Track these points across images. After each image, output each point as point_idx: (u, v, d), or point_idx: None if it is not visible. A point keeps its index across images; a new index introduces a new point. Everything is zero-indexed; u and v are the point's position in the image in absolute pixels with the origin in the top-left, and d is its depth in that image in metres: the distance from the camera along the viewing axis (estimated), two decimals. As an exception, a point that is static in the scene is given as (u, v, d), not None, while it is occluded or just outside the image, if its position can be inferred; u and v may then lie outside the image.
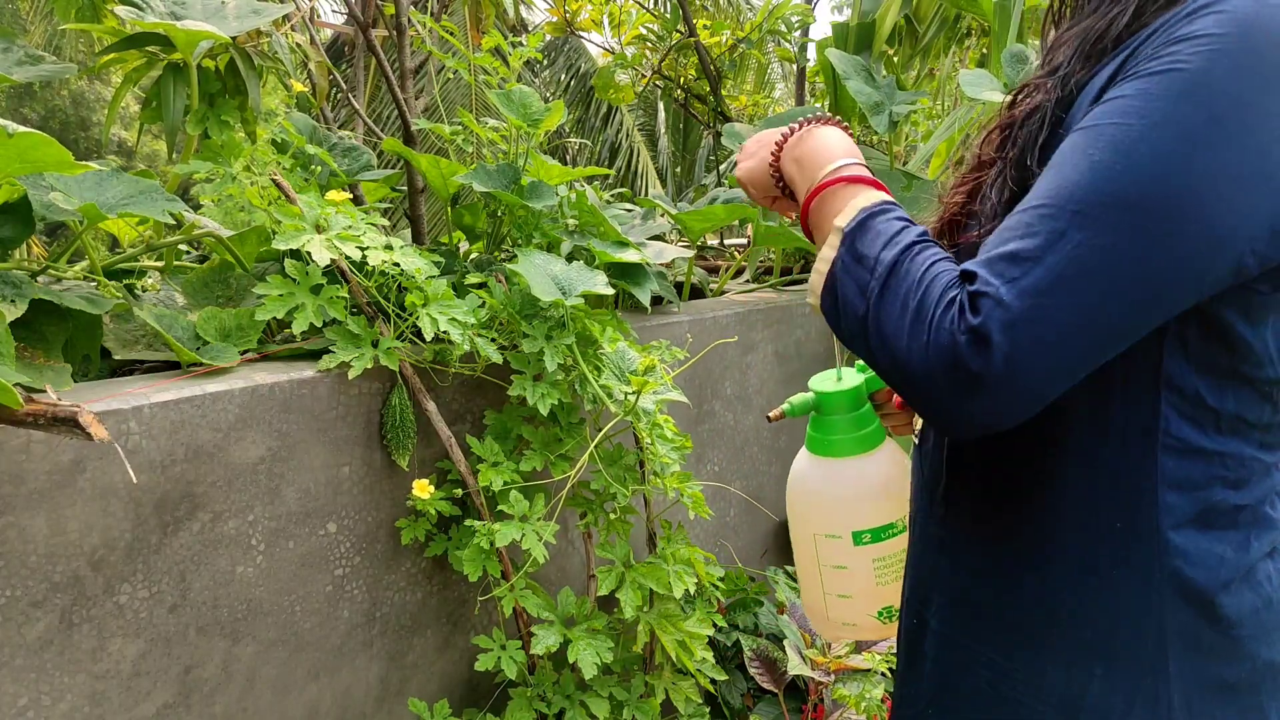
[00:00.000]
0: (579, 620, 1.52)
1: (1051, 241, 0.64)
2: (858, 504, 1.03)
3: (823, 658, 1.78)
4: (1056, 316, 0.63)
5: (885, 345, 0.70)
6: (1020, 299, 0.63)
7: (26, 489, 1.07)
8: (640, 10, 3.54)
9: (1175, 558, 0.73)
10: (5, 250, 1.23)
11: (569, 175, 1.76)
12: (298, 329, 1.33)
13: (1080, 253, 0.63)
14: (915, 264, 0.70)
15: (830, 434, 1.04)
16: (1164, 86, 0.65)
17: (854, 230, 0.75)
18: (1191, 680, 0.74)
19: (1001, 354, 0.63)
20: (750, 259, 2.73)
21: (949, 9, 2.67)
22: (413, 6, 2.03)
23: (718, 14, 7.00)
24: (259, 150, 1.54)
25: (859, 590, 1.04)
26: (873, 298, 0.71)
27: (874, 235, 0.74)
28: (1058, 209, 0.65)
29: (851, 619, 1.06)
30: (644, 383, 1.44)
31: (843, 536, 1.03)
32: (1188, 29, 0.66)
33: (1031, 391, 0.65)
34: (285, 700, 1.36)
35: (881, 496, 1.03)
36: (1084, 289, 0.63)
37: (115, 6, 1.47)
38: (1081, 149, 0.66)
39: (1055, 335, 0.63)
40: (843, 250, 0.75)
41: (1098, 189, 0.64)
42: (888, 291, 0.70)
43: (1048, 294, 0.63)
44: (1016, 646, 0.80)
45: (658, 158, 11.24)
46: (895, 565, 1.03)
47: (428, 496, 1.39)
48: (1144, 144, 0.64)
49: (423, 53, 2.31)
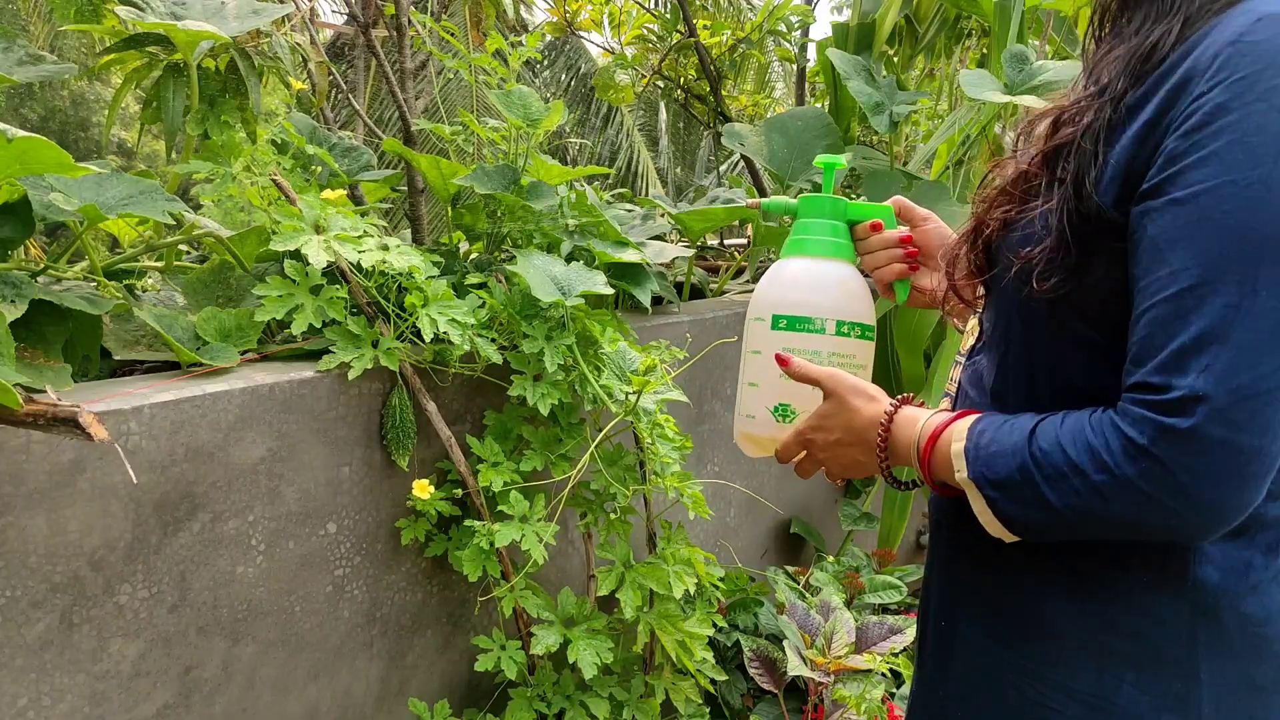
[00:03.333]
0: (579, 620, 1.52)
1: (1228, 317, 0.63)
2: (785, 290, 1.05)
3: (823, 658, 1.78)
4: (1264, 389, 0.63)
5: (1087, 517, 0.70)
6: (1221, 384, 0.63)
7: (26, 489, 1.07)
8: (640, 10, 3.54)
9: (1205, 565, 0.73)
10: (5, 251, 1.23)
11: (569, 175, 1.76)
12: (297, 329, 1.33)
13: (1264, 319, 0.63)
14: (1045, 443, 0.72)
15: (798, 234, 1.08)
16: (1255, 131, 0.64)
17: (980, 473, 0.76)
18: (1221, 683, 0.74)
19: (1215, 442, 0.63)
20: (750, 259, 2.73)
21: (949, 9, 2.67)
22: (413, 6, 2.03)
23: (718, 14, 6.99)
24: (259, 150, 1.54)
25: (765, 380, 1.05)
26: (1048, 497, 0.71)
27: (995, 458, 0.75)
28: (1212, 283, 0.64)
29: (752, 410, 1.06)
30: (644, 383, 1.44)
31: (765, 319, 1.05)
32: (1239, 68, 0.65)
33: (1263, 467, 0.64)
34: (285, 700, 1.36)
35: (809, 290, 1.04)
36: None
37: (115, 7, 1.47)
38: (1205, 216, 0.65)
39: (1269, 405, 0.63)
40: (988, 491, 0.75)
41: (1248, 249, 0.63)
42: (1049, 483, 0.70)
43: (1248, 371, 0.63)
44: (1046, 652, 0.80)
45: (658, 158, 11.24)
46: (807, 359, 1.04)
47: (428, 497, 1.39)
48: (1273, 192, 0.63)
49: (423, 53, 2.31)
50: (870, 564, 2.27)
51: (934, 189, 2.25)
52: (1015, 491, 0.73)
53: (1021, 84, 2.15)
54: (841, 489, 2.58)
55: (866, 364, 1.05)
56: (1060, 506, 0.70)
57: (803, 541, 2.42)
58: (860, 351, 1.04)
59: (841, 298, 1.04)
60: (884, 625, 1.85)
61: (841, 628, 1.84)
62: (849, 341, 1.03)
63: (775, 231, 2.21)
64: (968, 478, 0.77)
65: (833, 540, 2.54)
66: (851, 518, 2.43)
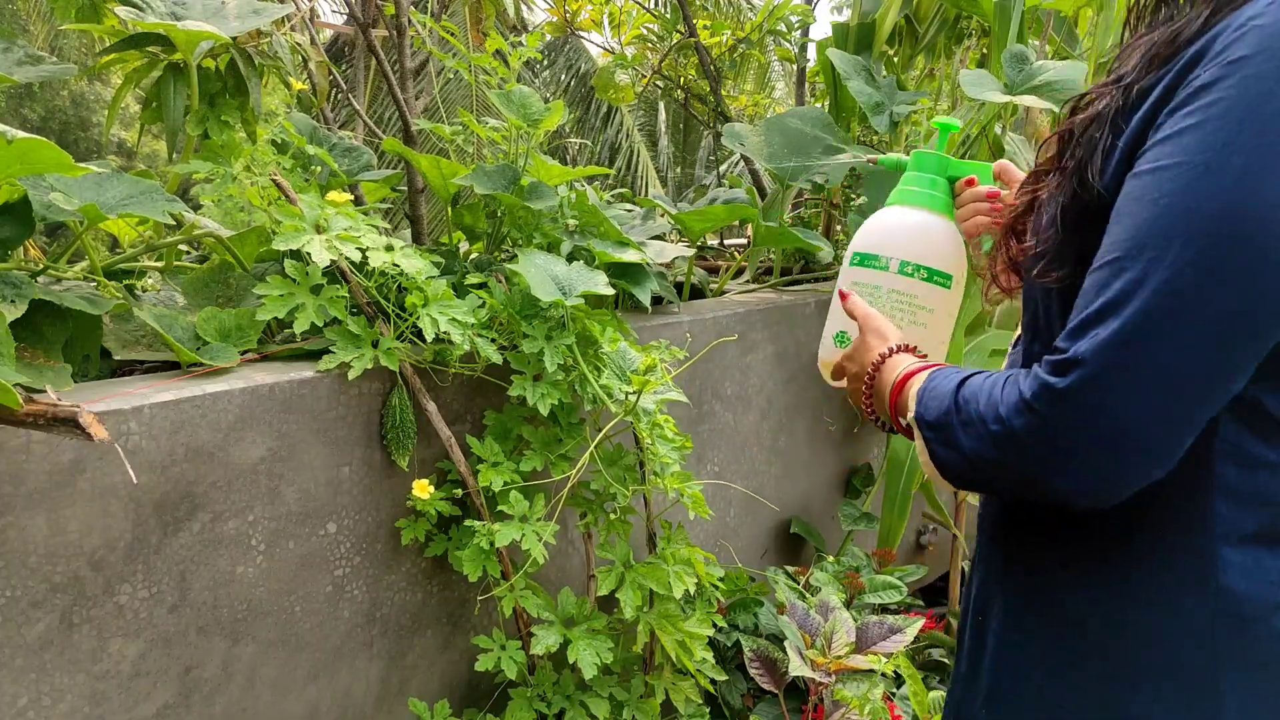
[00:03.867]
0: (579, 620, 1.52)
1: (1129, 290, 0.64)
2: (866, 232, 1.15)
3: (823, 658, 1.78)
4: (1144, 362, 0.63)
5: (988, 465, 0.73)
6: (1101, 353, 0.64)
7: (26, 489, 1.07)
8: (640, 10, 3.54)
9: (1229, 571, 0.71)
10: (5, 251, 1.23)
11: (569, 175, 1.76)
12: (298, 329, 1.33)
13: (1160, 297, 0.63)
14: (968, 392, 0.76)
15: (902, 185, 1.16)
16: (1220, 115, 0.63)
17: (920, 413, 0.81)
18: (1247, 697, 0.72)
19: (1086, 406, 0.65)
20: (750, 259, 2.73)
21: (949, 9, 2.67)
22: (413, 6, 2.03)
23: (718, 14, 6.99)
24: (259, 150, 1.54)
25: (834, 310, 1.17)
26: (961, 441, 0.75)
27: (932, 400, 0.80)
28: (1130, 258, 0.65)
29: (825, 336, 1.19)
30: (644, 382, 1.44)
31: (852, 256, 1.16)
32: (1236, 50, 0.64)
33: (1139, 442, 0.65)
34: (285, 700, 1.36)
35: (885, 233, 1.13)
36: (1170, 332, 0.63)
37: (115, 7, 1.47)
38: (1147, 194, 0.66)
39: (1149, 381, 0.63)
40: (924, 431, 0.80)
41: (1169, 230, 0.63)
42: (964, 428, 0.74)
43: (1131, 343, 0.63)
44: (1066, 657, 0.79)
45: (658, 158, 11.24)
46: (868, 299, 1.11)
47: (428, 496, 1.38)
48: (1210, 177, 0.62)
49: (423, 53, 2.31)
50: (870, 564, 2.27)
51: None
52: (942, 433, 0.77)
53: (1021, 84, 2.14)
54: (843, 486, 2.59)
55: (935, 307, 1.10)
56: (969, 453, 0.74)
57: (803, 541, 2.42)
58: (924, 293, 1.10)
59: (911, 240, 1.11)
60: (884, 625, 1.85)
61: (841, 628, 1.84)
62: (911, 281, 1.10)
63: (775, 231, 2.21)
64: (912, 418, 0.82)
65: (833, 540, 2.54)
66: (851, 518, 2.43)
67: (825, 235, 2.87)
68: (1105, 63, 2.44)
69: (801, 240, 2.20)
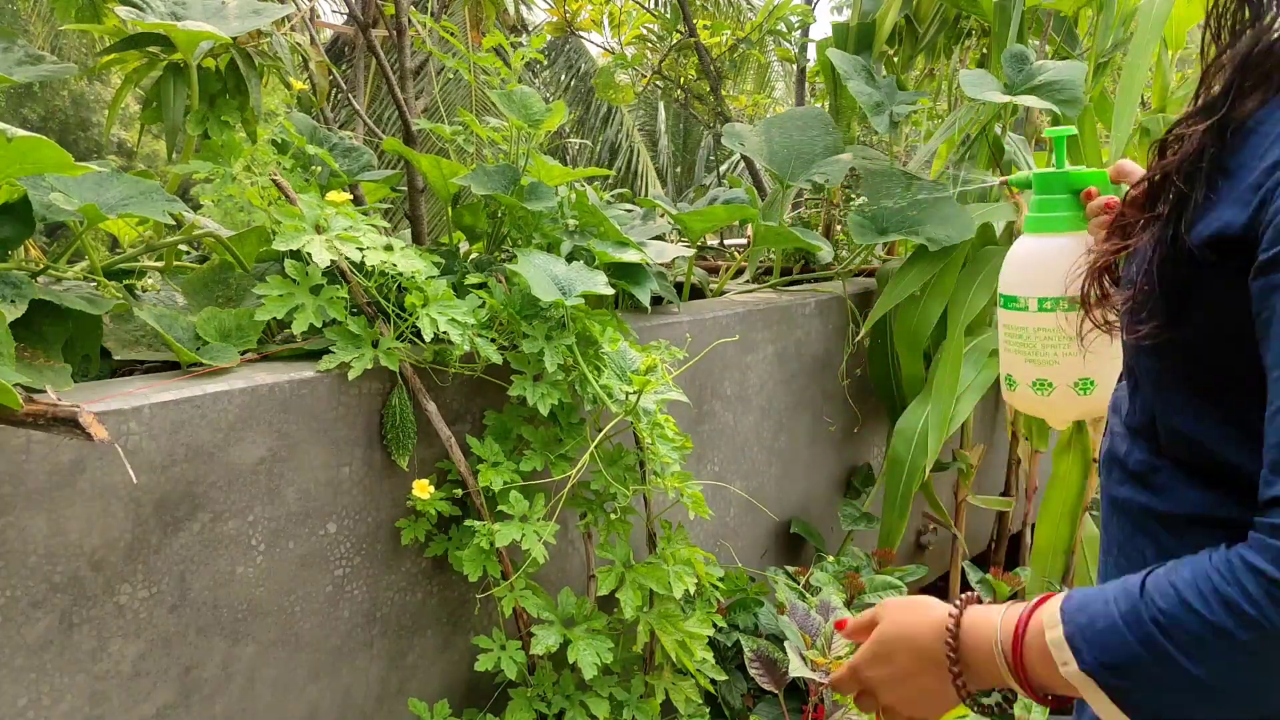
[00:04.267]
0: (579, 620, 1.52)
1: None
2: (1008, 270, 1.13)
3: (823, 658, 1.78)
4: None
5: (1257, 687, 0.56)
6: None
7: (26, 489, 1.07)
8: (640, 10, 3.54)
9: None
10: (5, 251, 1.23)
11: (569, 176, 1.76)
12: (298, 329, 1.33)
13: None
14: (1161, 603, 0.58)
15: (1033, 212, 1.12)
16: None
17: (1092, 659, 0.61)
18: None
19: None
20: (750, 259, 2.73)
21: (949, 9, 2.67)
22: (413, 6, 2.03)
23: (718, 14, 6.99)
24: (259, 150, 1.54)
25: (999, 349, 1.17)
26: (1186, 670, 0.56)
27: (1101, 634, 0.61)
28: None
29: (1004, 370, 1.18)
30: (645, 382, 1.44)
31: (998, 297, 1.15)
32: None
33: None
34: (285, 700, 1.36)
35: (1015, 269, 1.11)
36: None
37: (116, 7, 1.47)
38: None
39: None
40: (1108, 679, 0.60)
41: None
42: (1190, 648, 0.56)
43: None
44: None
45: (657, 158, 11.24)
46: (1014, 338, 1.09)
47: (428, 497, 1.38)
48: None
49: (423, 53, 2.31)
50: (870, 564, 2.27)
51: (934, 189, 2.25)
52: (1146, 674, 0.58)
53: (1021, 84, 2.15)
54: (843, 486, 2.59)
55: None
56: (1210, 680, 0.55)
57: (803, 541, 2.42)
58: (1069, 324, 1.04)
59: (1042, 273, 1.08)
60: (884, 625, 1.85)
61: (842, 628, 1.84)
62: (1053, 315, 1.07)
63: (775, 231, 2.21)
64: (1080, 670, 0.61)
65: (833, 540, 2.53)
66: (851, 518, 2.43)
67: (825, 235, 2.87)
68: (1105, 63, 2.45)
69: (801, 240, 2.20)
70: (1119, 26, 2.46)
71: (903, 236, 2.17)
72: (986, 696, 0.75)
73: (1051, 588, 2.39)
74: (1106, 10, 2.43)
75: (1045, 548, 2.42)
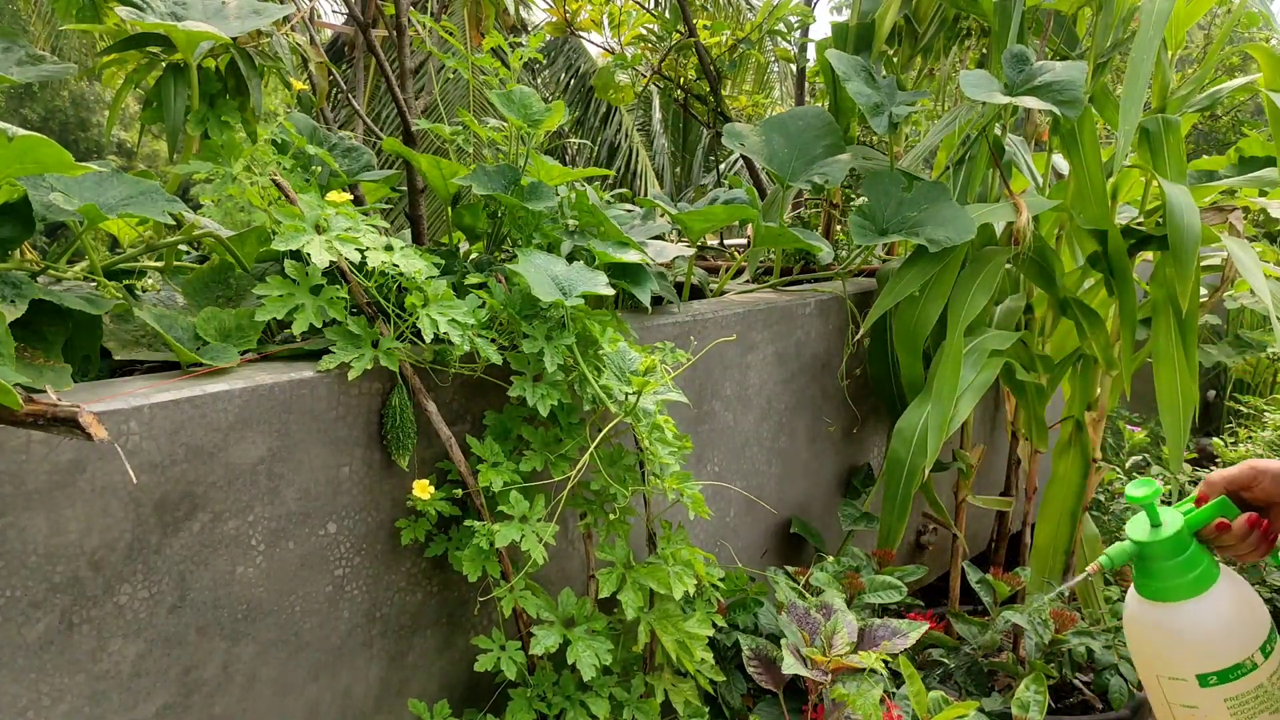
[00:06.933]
0: (579, 621, 1.52)
1: None
2: (1197, 647, 1.00)
3: (822, 657, 1.78)
4: None
5: None
6: None
7: (26, 489, 1.07)
8: (640, 10, 3.54)
9: None
10: (5, 251, 1.23)
11: (569, 176, 1.76)
12: (298, 329, 1.33)
13: None
14: None
15: (1157, 580, 1.01)
16: None
17: None
18: None
19: None
20: (750, 259, 2.73)
21: (949, 9, 2.67)
22: (413, 6, 2.03)
23: (718, 14, 7.00)
24: (259, 150, 1.54)
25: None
26: None
27: None
28: None
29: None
30: (644, 383, 1.44)
31: (1187, 680, 1.00)
32: None
33: None
34: (285, 700, 1.36)
35: (1221, 637, 0.99)
36: None
37: (115, 7, 1.47)
38: None
39: None
40: None
41: None
42: None
43: None
44: None
45: (656, 157, 11.24)
46: (1253, 701, 0.98)
47: (428, 497, 1.39)
48: None
49: (423, 53, 2.31)
50: (870, 564, 2.27)
51: (934, 189, 2.25)
52: None
53: (1022, 85, 2.14)
54: (843, 486, 2.59)
55: (1261, 671, 0.99)
56: None
57: (803, 541, 2.42)
58: (1272, 667, 1.00)
59: (1248, 621, 1.00)
60: (887, 627, 1.85)
61: (843, 628, 1.84)
62: (1216, 690, 0.99)
63: (775, 231, 2.21)
64: None
65: (833, 540, 2.54)
66: (851, 518, 2.43)
67: (825, 235, 2.87)
68: (1104, 63, 2.44)
69: (801, 240, 2.20)
70: (1118, 26, 2.46)
71: (903, 237, 2.17)
72: None
73: (1051, 588, 2.40)
74: (1106, 10, 2.43)
75: (1045, 547, 2.42)
